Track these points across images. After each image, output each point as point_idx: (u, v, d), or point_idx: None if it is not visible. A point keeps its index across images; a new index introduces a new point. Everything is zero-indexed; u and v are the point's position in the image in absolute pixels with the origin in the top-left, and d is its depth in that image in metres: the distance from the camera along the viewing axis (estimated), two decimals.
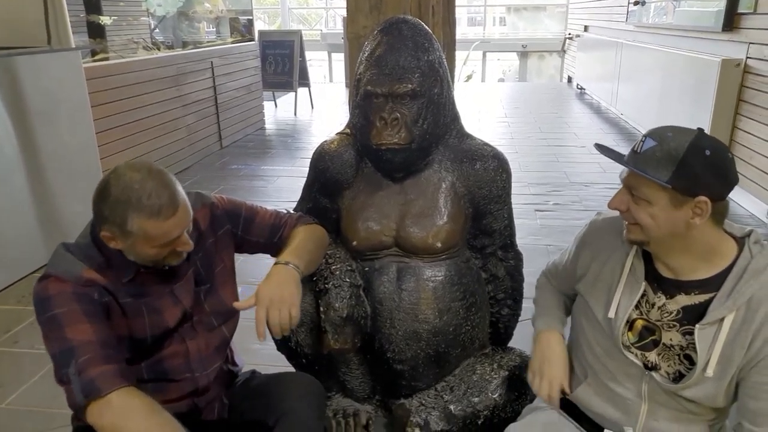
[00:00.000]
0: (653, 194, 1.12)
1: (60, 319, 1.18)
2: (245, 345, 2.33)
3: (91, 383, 1.14)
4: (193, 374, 1.41)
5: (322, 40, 13.75)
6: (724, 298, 1.14)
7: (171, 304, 1.36)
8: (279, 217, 1.56)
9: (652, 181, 1.10)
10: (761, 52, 3.81)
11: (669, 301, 1.22)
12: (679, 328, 1.21)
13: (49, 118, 3.23)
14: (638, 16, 6.72)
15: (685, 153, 1.09)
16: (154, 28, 6.09)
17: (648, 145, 1.12)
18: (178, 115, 5.16)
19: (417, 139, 1.58)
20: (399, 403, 1.74)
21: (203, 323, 1.42)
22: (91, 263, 1.25)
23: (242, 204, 1.52)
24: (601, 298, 1.31)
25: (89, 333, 1.18)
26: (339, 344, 1.58)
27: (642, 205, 1.14)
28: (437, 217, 1.65)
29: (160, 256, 1.26)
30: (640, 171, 1.11)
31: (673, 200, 1.11)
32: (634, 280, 1.26)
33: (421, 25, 1.64)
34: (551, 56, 13.89)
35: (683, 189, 1.09)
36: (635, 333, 1.27)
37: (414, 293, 1.65)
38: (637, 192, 1.14)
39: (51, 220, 3.29)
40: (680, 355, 1.22)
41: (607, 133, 6.53)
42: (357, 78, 1.64)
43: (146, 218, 1.18)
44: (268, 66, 7.70)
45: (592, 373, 1.37)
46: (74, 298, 1.20)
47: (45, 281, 1.22)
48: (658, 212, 1.13)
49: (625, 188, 1.18)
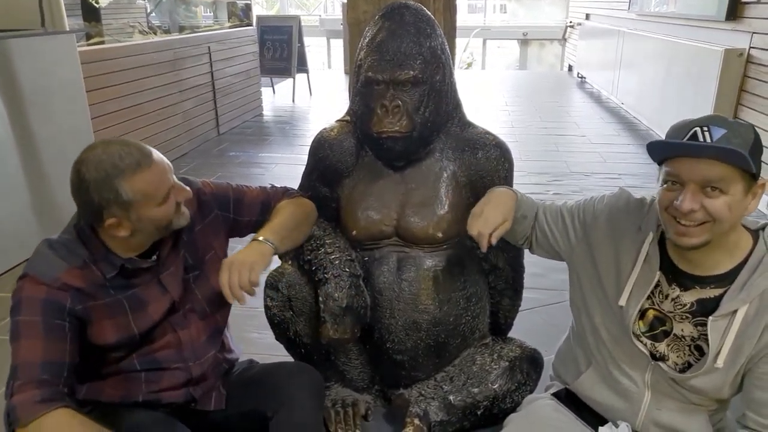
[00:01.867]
0: (733, 182, 1.06)
1: (20, 329, 1.18)
2: (243, 334, 2.32)
3: (13, 411, 1.13)
4: (186, 363, 1.39)
5: (320, 26, 13.65)
6: (737, 290, 1.13)
7: (158, 294, 1.34)
8: (266, 193, 1.56)
9: (735, 169, 1.05)
10: (765, 41, 3.77)
11: (684, 294, 1.20)
12: (691, 319, 1.20)
13: (43, 103, 3.19)
14: (640, 5, 6.66)
15: (755, 136, 1.07)
16: (151, 12, 6.01)
17: (718, 133, 1.06)
18: (175, 100, 5.11)
19: (418, 127, 1.55)
20: (398, 394, 1.74)
21: (196, 311, 1.41)
22: (74, 261, 1.23)
23: (228, 186, 1.50)
24: (612, 282, 1.29)
25: (36, 353, 1.16)
26: (338, 334, 1.56)
27: (718, 197, 1.07)
28: (438, 207, 1.63)
29: (169, 215, 1.25)
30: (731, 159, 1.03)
31: (746, 186, 1.08)
32: (648, 270, 1.23)
33: (423, 11, 1.61)
34: (552, 44, 13.82)
35: (757, 172, 1.07)
36: (646, 323, 1.26)
37: (414, 283, 1.63)
38: (719, 183, 1.06)
39: (45, 205, 3.26)
40: (691, 346, 1.21)
41: (608, 122, 6.49)
42: (357, 64, 1.61)
43: (132, 175, 1.17)
44: (266, 52, 7.62)
45: (595, 362, 1.36)
46: (41, 306, 1.18)
47: (22, 280, 1.21)
48: (734, 202, 1.07)
49: (695, 184, 1.07)
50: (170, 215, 1.25)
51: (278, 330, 1.76)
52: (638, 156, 4.99)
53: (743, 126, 1.09)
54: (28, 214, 3.15)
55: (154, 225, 1.24)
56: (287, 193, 1.59)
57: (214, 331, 1.47)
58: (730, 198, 1.07)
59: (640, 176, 4.49)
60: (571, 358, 1.43)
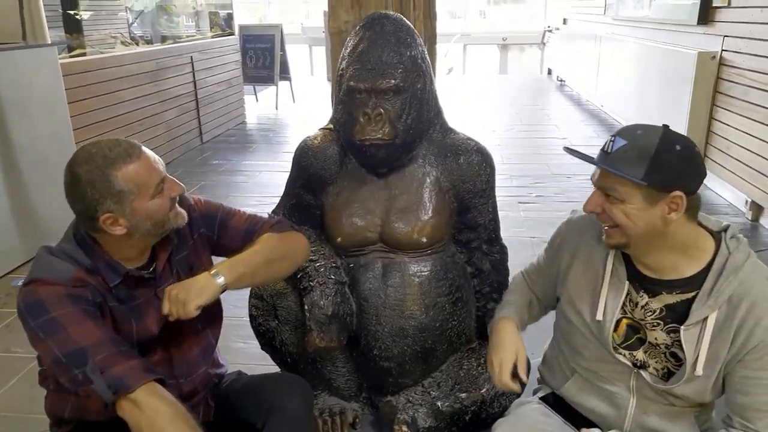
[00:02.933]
0: (628, 193, 1.12)
1: (60, 322, 1.14)
2: (228, 344, 2.31)
3: (118, 380, 1.12)
4: (177, 380, 1.39)
5: (302, 34, 13.65)
6: (705, 297, 1.15)
7: (156, 308, 1.32)
8: (254, 222, 1.49)
9: (625, 179, 1.10)
10: (735, 44, 3.86)
11: (652, 300, 1.22)
12: (663, 326, 1.21)
13: (24, 115, 3.17)
14: (616, 9, 6.76)
15: (656, 149, 1.10)
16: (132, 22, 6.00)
17: (618, 144, 1.13)
18: (157, 110, 5.09)
19: (400, 135, 1.57)
20: (386, 401, 1.74)
21: (187, 327, 1.40)
22: (78, 266, 1.22)
23: (219, 206, 1.48)
24: (586, 299, 1.31)
25: (97, 333, 1.15)
26: (324, 342, 1.57)
27: (617, 204, 1.14)
28: (422, 212, 1.65)
29: (164, 210, 1.24)
30: (614, 170, 1.11)
31: (648, 197, 1.11)
32: (617, 281, 1.26)
33: (403, 21, 1.63)
34: (531, 48, 13.94)
35: (658, 185, 1.10)
36: (621, 333, 1.27)
37: (400, 289, 1.64)
38: (612, 192, 1.14)
39: (27, 217, 3.23)
40: (666, 353, 1.23)
41: (588, 124, 6.57)
42: (340, 73, 1.63)
43: (123, 165, 1.19)
44: (249, 60, 7.62)
45: (578, 375, 1.37)
46: (70, 300, 1.16)
47: (32, 285, 1.17)
48: (634, 210, 1.13)
49: (599, 190, 1.17)
50: (165, 210, 1.25)
51: (264, 339, 1.77)
52: None
53: (647, 138, 1.11)
54: (8, 224, 3.12)
55: (150, 220, 1.23)
56: (276, 225, 1.50)
57: (206, 347, 1.46)
58: (631, 207, 1.13)
59: None
60: (556, 365, 1.45)
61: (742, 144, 3.74)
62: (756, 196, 3.60)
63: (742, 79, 3.77)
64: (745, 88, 3.71)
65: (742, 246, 1.17)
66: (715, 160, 4.12)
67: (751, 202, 3.67)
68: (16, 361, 2.35)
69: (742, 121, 3.75)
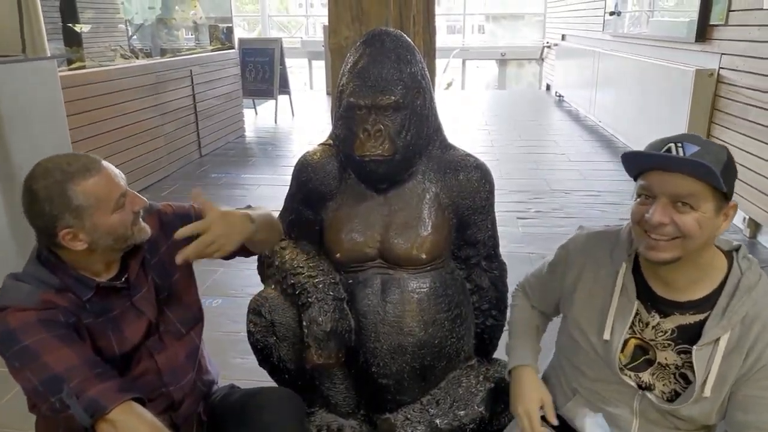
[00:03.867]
0: (703, 201, 1.07)
1: (34, 350, 1.12)
2: (226, 359, 2.30)
3: (94, 402, 1.10)
4: (167, 388, 1.37)
5: (302, 48, 13.75)
6: (718, 317, 1.13)
7: (134, 317, 1.32)
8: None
9: (705, 186, 1.05)
10: (732, 62, 3.89)
11: (664, 320, 1.20)
12: (674, 347, 1.19)
13: (23, 128, 3.17)
14: (614, 26, 6.83)
15: (728, 156, 1.09)
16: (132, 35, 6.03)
17: (691, 149, 1.07)
18: (156, 123, 5.10)
19: (400, 151, 1.57)
20: (384, 418, 1.73)
21: (170, 332, 1.39)
22: (46, 287, 1.20)
23: (190, 207, 1.46)
24: (594, 319, 1.28)
25: (71, 357, 1.13)
26: (323, 359, 1.56)
27: (689, 213, 1.07)
28: (421, 228, 1.65)
29: (126, 224, 1.21)
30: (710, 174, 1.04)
31: (717, 206, 1.08)
32: (626, 300, 1.23)
33: (403, 38, 1.64)
34: (530, 64, 14.04)
35: (728, 193, 1.08)
36: (628, 354, 1.25)
37: (399, 306, 1.63)
38: (689, 199, 1.06)
39: (25, 232, 3.22)
40: (675, 374, 1.21)
41: (586, 140, 6.60)
42: (340, 89, 1.64)
43: (82, 180, 1.16)
44: (249, 74, 7.67)
45: (580, 395, 1.36)
46: (41, 325, 1.14)
47: (1, 314, 1.15)
48: (704, 220, 1.07)
49: (666, 198, 1.08)
50: (127, 225, 1.22)
51: (261, 355, 1.75)
52: (617, 173, 5.08)
53: (716, 146, 1.10)
54: (5, 238, 3.11)
55: (112, 236, 1.21)
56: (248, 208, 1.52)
57: (192, 350, 1.45)
58: (700, 215, 1.07)
59: (619, 193, 4.57)
60: (557, 384, 1.43)
61: (740, 161, 3.76)
62: (754, 214, 3.61)
63: (739, 97, 3.79)
64: (743, 105, 3.73)
65: (754, 266, 1.16)
66: None
67: (749, 219, 3.68)
68: (10, 378, 2.33)
69: (739, 139, 3.77)
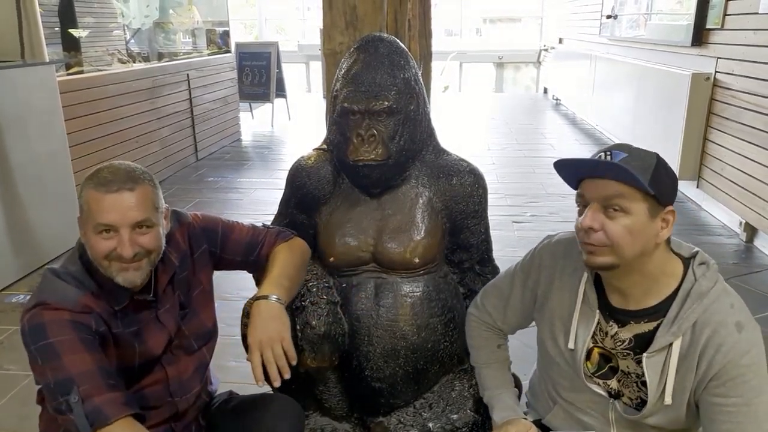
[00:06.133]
0: (634, 204, 1.08)
1: (57, 348, 1.13)
2: (221, 363, 2.30)
3: (97, 411, 1.11)
4: (172, 399, 1.38)
5: (299, 51, 13.76)
6: (669, 324, 1.13)
7: (157, 330, 1.33)
8: (256, 233, 1.53)
9: (633, 189, 1.07)
10: (729, 66, 3.90)
11: (621, 330, 1.20)
12: (632, 356, 1.20)
13: (21, 132, 3.18)
14: (611, 30, 6.85)
15: (657, 161, 1.10)
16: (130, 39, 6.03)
17: (618, 156, 1.10)
18: (153, 127, 5.11)
19: (394, 155, 1.58)
20: (377, 422, 1.73)
21: (183, 347, 1.39)
22: (84, 290, 1.21)
23: (219, 220, 1.49)
24: (561, 327, 1.30)
25: (89, 362, 1.14)
26: (316, 362, 1.56)
27: (618, 218, 1.09)
28: (415, 233, 1.65)
29: (97, 253, 1.19)
30: (629, 177, 1.06)
31: (651, 210, 1.09)
32: (588, 310, 1.24)
33: (397, 43, 1.65)
34: (527, 67, 14.07)
35: (660, 196, 1.09)
36: (593, 363, 1.26)
37: (392, 309, 1.64)
38: (619, 201, 1.08)
39: (21, 234, 3.23)
40: (637, 382, 1.21)
41: (583, 143, 6.62)
42: (334, 95, 1.65)
43: (93, 187, 1.18)
44: (245, 77, 7.68)
45: (559, 406, 1.37)
46: (71, 326, 1.16)
47: (37, 308, 1.17)
48: (636, 225, 1.09)
49: (597, 203, 1.11)
50: (97, 253, 1.19)
51: None
52: None
53: (645, 152, 1.12)
54: (2, 240, 3.12)
55: (90, 251, 1.21)
56: (280, 235, 1.54)
57: (201, 365, 1.46)
58: (632, 219, 1.08)
59: None
60: (540, 392, 1.44)
61: (737, 165, 3.77)
62: (750, 218, 3.62)
63: (735, 101, 3.81)
64: (739, 109, 3.75)
65: (710, 273, 1.15)
66: (710, 181, 4.15)
67: (745, 223, 3.69)
68: (8, 379, 2.33)
69: (736, 143, 3.79)
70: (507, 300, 1.44)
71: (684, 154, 4.26)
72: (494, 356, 1.52)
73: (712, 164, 4.11)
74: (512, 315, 1.45)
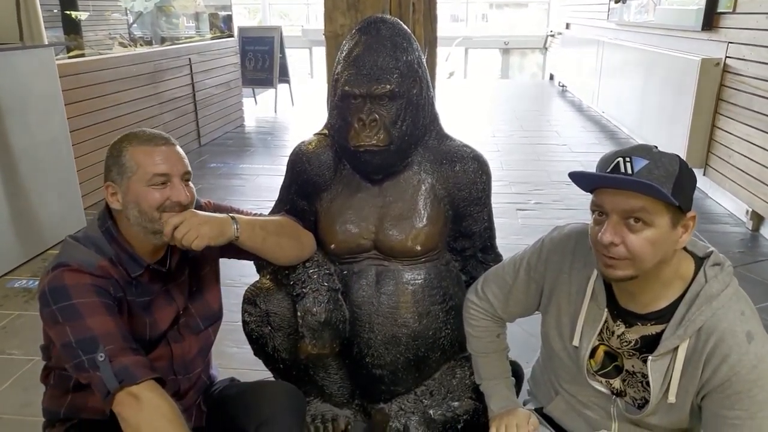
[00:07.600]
0: (657, 217, 1.03)
1: (80, 309, 1.16)
2: (222, 349, 2.30)
3: (125, 369, 1.13)
4: (176, 377, 1.40)
5: (303, 36, 13.67)
6: (675, 327, 1.10)
7: (166, 304, 1.36)
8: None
9: (656, 201, 1.01)
10: (740, 51, 3.84)
11: (628, 330, 1.18)
12: (638, 356, 1.17)
13: (20, 116, 3.16)
14: (619, 14, 6.75)
15: (680, 167, 1.04)
16: (132, 23, 5.99)
17: (640, 163, 1.03)
18: (155, 112, 5.08)
19: (396, 141, 1.55)
20: (378, 408, 1.72)
21: (190, 326, 1.42)
22: (103, 255, 1.24)
23: (229, 207, 1.50)
24: (566, 323, 1.28)
25: (112, 325, 1.17)
26: (317, 349, 1.55)
27: (640, 231, 1.03)
28: (416, 220, 1.63)
29: (151, 203, 1.22)
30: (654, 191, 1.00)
31: (673, 219, 1.04)
32: (596, 308, 1.21)
33: (399, 25, 1.61)
34: (533, 53, 13.96)
35: (683, 205, 1.03)
36: (597, 360, 1.24)
37: (393, 297, 1.62)
38: (642, 215, 1.02)
39: (23, 219, 3.22)
40: (642, 382, 1.19)
41: (589, 131, 6.56)
42: (335, 78, 1.61)
43: (138, 145, 1.23)
44: (248, 62, 7.62)
45: (561, 396, 1.35)
46: (93, 290, 1.18)
47: (59, 270, 1.19)
48: (659, 236, 1.03)
49: (617, 216, 1.05)
50: (152, 203, 1.22)
51: (256, 345, 1.75)
52: None
53: (667, 157, 1.05)
54: (4, 225, 3.11)
55: (137, 207, 1.23)
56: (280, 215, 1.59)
57: (205, 345, 1.48)
58: (654, 231, 1.03)
59: None
60: (542, 381, 1.42)
61: (744, 153, 3.72)
62: (757, 206, 3.58)
63: (745, 87, 3.75)
64: (749, 96, 3.69)
65: (722, 275, 1.10)
66: (717, 169, 4.10)
67: (752, 211, 3.65)
68: (10, 364, 2.33)
69: (744, 130, 3.73)
70: (509, 289, 1.41)
71: (691, 142, 4.21)
72: (493, 346, 1.50)
73: (720, 151, 4.06)
74: (514, 305, 1.42)
